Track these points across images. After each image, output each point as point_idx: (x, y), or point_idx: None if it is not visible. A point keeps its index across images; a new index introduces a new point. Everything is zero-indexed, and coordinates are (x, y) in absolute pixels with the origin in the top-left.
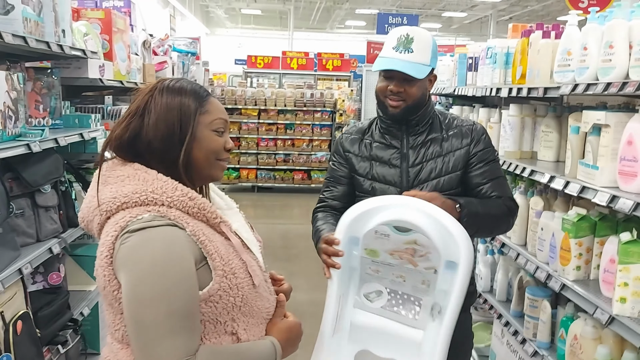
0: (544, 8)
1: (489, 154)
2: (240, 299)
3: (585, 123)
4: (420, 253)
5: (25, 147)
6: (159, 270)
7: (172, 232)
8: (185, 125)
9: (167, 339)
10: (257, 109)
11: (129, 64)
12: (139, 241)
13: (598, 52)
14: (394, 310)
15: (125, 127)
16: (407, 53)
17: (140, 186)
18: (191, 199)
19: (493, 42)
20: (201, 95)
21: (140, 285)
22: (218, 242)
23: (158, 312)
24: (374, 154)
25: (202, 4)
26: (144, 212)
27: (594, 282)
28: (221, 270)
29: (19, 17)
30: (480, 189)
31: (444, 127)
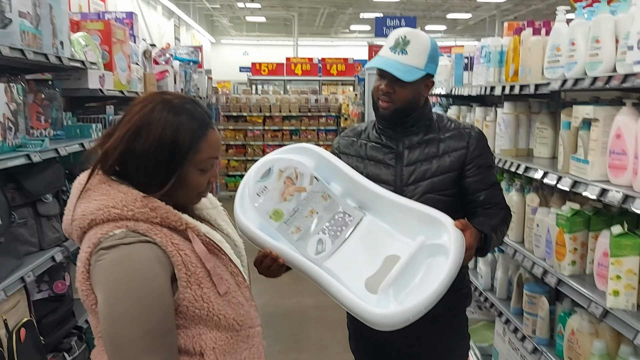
0: (549, 7)
1: (487, 160)
2: (205, 312)
3: (576, 118)
4: (292, 176)
5: (26, 157)
6: (134, 290)
7: (145, 249)
8: (179, 153)
9: (143, 357)
10: (262, 115)
11: (130, 73)
12: (113, 259)
13: (585, 47)
14: (340, 236)
15: (121, 141)
16: (401, 54)
17: (103, 201)
18: (152, 209)
19: (487, 41)
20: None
21: (116, 305)
22: (188, 250)
23: (134, 332)
24: (368, 153)
25: (207, 14)
26: (114, 229)
27: (589, 276)
28: (185, 282)
29: (16, 30)
30: (478, 196)
31: (441, 128)
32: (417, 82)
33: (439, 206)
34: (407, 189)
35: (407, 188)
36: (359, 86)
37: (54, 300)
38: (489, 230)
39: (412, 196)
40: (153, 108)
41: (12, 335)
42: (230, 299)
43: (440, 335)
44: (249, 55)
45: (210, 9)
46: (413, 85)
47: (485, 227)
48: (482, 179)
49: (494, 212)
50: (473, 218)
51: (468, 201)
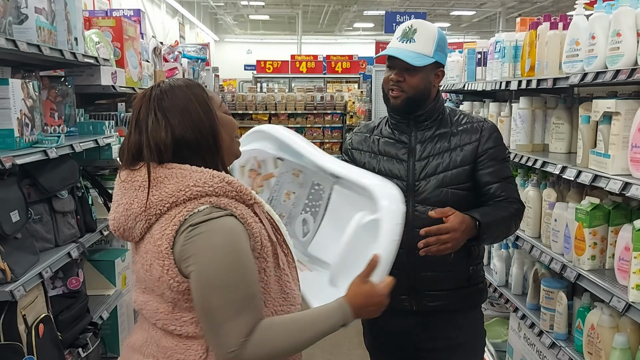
0: (554, 4)
1: (500, 153)
2: (263, 284)
3: (596, 112)
4: (255, 167)
5: (42, 153)
6: (228, 259)
7: (231, 221)
8: (209, 113)
9: (233, 319)
10: (267, 113)
11: (141, 70)
12: (206, 232)
13: (606, 40)
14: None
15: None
16: (409, 43)
17: (182, 182)
18: (229, 183)
19: (501, 35)
20: (198, 84)
21: (213, 273)
22: (260, 224)
23: (229, 297)
24: (381, 149)
25: (211, 12)
26: (198, 205)
27: (609, 271)
28: (257, 253)
29: (32, 26)
30: (489, 189)
31: (454, 122)
32: (427, 70)
33: (452, 200)
34: (419, 184)
35: (420, 182)
36: (364, 83)
37: (69, 297)
38: (486, 219)
39: (425, 190)
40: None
41: (31, 331)
42: (282, 275)
43: (456, 330)
44: (253, 53)
45: (214, 7)
46: (423, 73)
47: (484, 216)
48: (493, 172)
49: (504, 205)
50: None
51: (480, 194)
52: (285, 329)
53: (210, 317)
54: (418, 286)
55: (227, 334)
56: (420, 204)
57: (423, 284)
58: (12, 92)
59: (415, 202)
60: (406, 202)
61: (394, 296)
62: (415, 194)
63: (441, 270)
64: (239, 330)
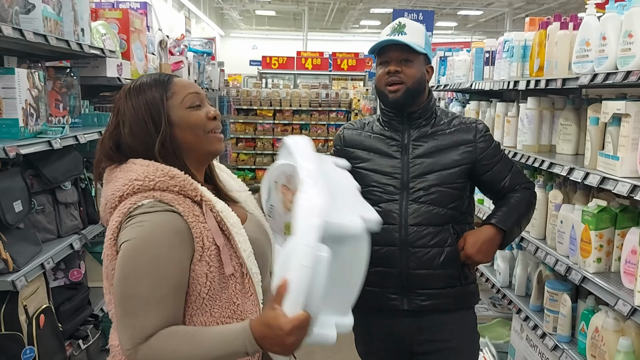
0: (561, 6)
1: (497, 150)
2: (206, 291)
3: (605, 113)
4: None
5: (47, 143)
6: (148, 251)
7: (167, 217)
8: (158, 117)
9: (137, 316)
10: (272, 109)
11: (146, 63)
12: (136, 223)
13: (617, 41)
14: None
15: (109, 138)
16: (401, 35)
17: (127, 177)
18: (171, 177)
19: (510, 35)
20: (162, 81)
21: (129, 262)
22: (207, 224)
23: (134, 290)
24: (373, 146)
25: (217, 7)
26: (142, 199)
27: (615, 274)
28: (199, 255)
29: (39, 16)
30: (503, 185)
31: (447, 122)
32: (420, 61)
33: (446, 199)
34: (414, 182)
35: (415, 180)
36: (370, 81)
37: (70, 288)
38: (508, 222)
39: (420, 189)
40: (120, 94)
41: (32, 321)
42: (230, 284)
43: (450, 332)
44: (258, 49)
45: (220, 2)
46: (417, 64)
47: (505, 219)
48: (501, 169)
49: (519, 197)
50: (499, 206)
51: (495, 191)
52: (184, 341)
53: (117, 307)
54: (410, 285)
55: (128, 329)
56: (414, 202)
57: (414, 283)
58: (17, 81)
59: (410, 200)
60: (399, 200)
61: (385, 296)
62: (410, 192)
63: (433, 268)
64: (140, 328)
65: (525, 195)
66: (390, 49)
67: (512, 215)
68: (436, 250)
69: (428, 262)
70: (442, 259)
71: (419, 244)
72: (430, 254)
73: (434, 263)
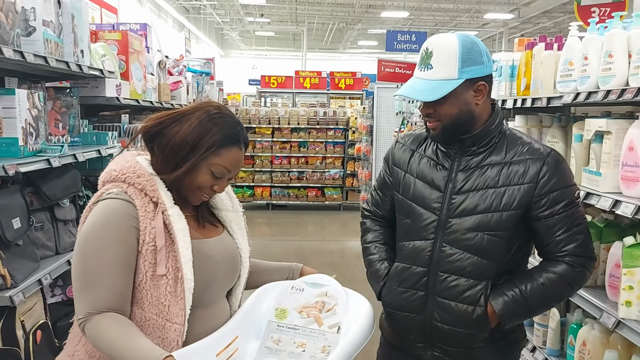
0: (556, 25)
1: (565, 195)
2: (137, 284)
3: (588, 131)
4: (328, 307)
5: (46, 162)
6: (90, 232)
7: (122, 205)
8: (193, 153)
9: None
10: (271, 127)
11: (145, 83)
12: (97, 207)
13: (598, 61)
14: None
15: (159, 121)
16: (426, 70)
17: (112, 166)
18: (138, 176)
19: (498, 55)
20: (228, 139)
21: (78, 240)
22: (147, 221)
23: (77, 266)
24: (420, 169)
25: (217, 27)
26: (113, 187)
27: (601, 288)
28: (139, 248)
29: (40, 38)
30: (549, 242)
31: (511, 151)
32: (456, 92)
33: (487, 247)
34: (452, 221)
35: (453, 220)
36: (367, 100)
37: (67, 305)
38: (515, 319)
39: (457, 230)
40: (198, 109)
41: (29, 337)
42: (161, 285)
43: None
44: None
45: (220, 23)
46: (452, 98)
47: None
48: (558, 222)
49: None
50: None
51: (539, 245)
52: (122, 331)
53: (75, 281)
54: (433, 337)
55: (83, 300)
56: (448, 245)
57: (438, 337)
58: (18, 101)
59: (444, 242)
60: (433, 240)
61: (410, 344)
62: (445, 232)
63: (461, 326)
64: (93, 300)
65: (563, 279)
66: None
67: (524, 308)
68: (465, 307)
69: (455, 318)
70: (474, 318)
71: (446, 295)
72: (459, 309)
73: (461, 320)
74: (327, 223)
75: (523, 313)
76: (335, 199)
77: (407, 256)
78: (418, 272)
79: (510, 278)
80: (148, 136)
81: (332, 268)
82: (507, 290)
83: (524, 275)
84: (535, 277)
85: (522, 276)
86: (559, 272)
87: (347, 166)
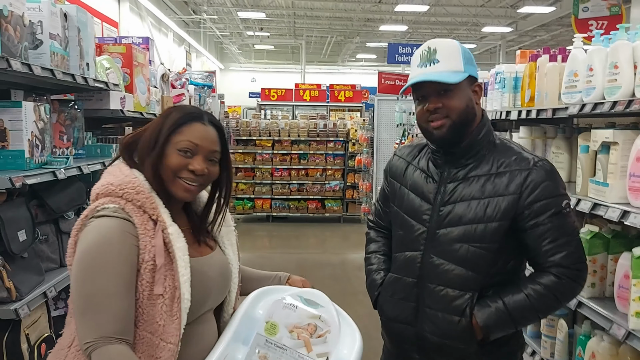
0: (553, 38)
1: (551, 205)
2: (137, 301)
3: (594, 142)
4: (320, 332)
5: (51, 174)
6: (88, 256)
7: (122, 224)
8: (157, 142)
9: (82, 316)
10: (271, 139)
11: (149, 96)
12: (95, 225)
13: (603, 72)
14: None
15: (133, 135)
16: (433, 65)
17: (107, 179)
18: (137, 192)
19: (502, 67)
20: (186, 117)
21: (76, 265)
22: (147, 239)
23: (78, 291)
24: (413, 182)
25: (216, 41)
26: (109, 202)
27: (609, 299)
28: (139, 265)
29: (46, 51)
30: (536, 254)
31: (498, 161)
32: (463, 87)
33: (472, 260)
34: (440, 232)
35: (440, 231)
36: (367, 112)
37: None
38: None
39: (444, 241)
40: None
41: (34, 350)
42: (158, 304)
43: None
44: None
45: (220, 37)
46: (459, 91)
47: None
48: (545, 231)
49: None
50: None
51: (529, 257)
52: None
53: (77, 305)
54: (426, 348)
55: (89, 323)
56: (436, 256)
57: (430, 348)
58: (24, 114)
59: (432, 253)
60: (422, 251)
61: (407, 351)
62: (433, 243)
63: (448, 338)
64: (100, 323)
65: (549, 290)
66: (424, 83)
67: (507, 320)
68: (451, 318)
69: (443, 329)
70: (459, 329)
71: (435, 305)
72: (446, 320)
73: (448, 332)
74: (328, 235)
75: (506, 324)
76: (335, 211)
77: (399, 267)
78: (409, 283)
79: (497, 290)
80: (126, 149)
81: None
82: (491, 302)
83: (511, 286)
84: (522, 289)
85: (509, 288)
86: (544, 283)
87: (347, 178)
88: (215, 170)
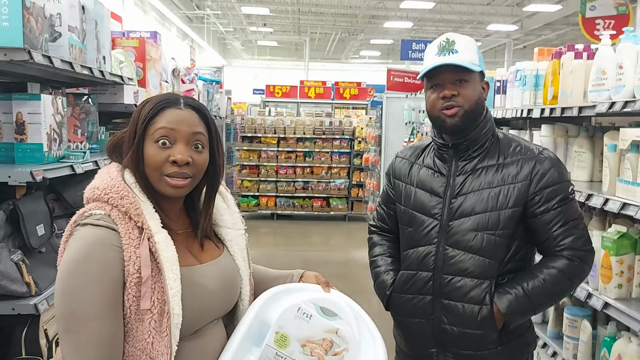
0: (558, 37)
1: (560, 191)
2: (125, 316)
3: (624, 140)
4: (336, 349)
5: (69, 168)
6: (68, 269)
7: (107, 234)
8: (134, 134)
9: (64, 334)
10: (276, 137)
11: (161, 90)
12: (77, 236)
13: (634, 70)
14: None
15: (119, 135)
16: (452, 54)
17: (95, 182)
18: (121, 197)
19: (522, 64)
20: (159, 105)
21: (60, 279)
22: (132, 249)
23: (59, 308)
24: (420, 180)
25: (220, 37)
26: (96, 208)
27: (636, 300)
28: (125, 277)
29: (65, 44)
30: (547, 237)
31: (505, 152)
32: (477, 79)
33: (487, 247)
34: (453, 224)
35: (453, 223)
36: (374, 110)
37: None
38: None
39: (457, 232)
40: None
41: (52, 345)
42: (146, 319)
43: None
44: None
45: (223, 32)
46: (474, 83)
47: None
48: (554, 217)
49: (553, 275)
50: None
51: (539, 241)
52: None
53: (59, 323)
54: (443, 341)
55: (70, 345)
56: (451, 247)
57: (449, 340)
58: (43, 107)
59: (447, 245)
60: (436, 244)
61: (423, 348)
62: (447, 235)
63: (470, 327)
64: (80, 345)
65: (563, 274)
66: (442, 70)
67: (528, 306)
68: (471, 307)
69: (463, 319)
70: (480, 318)
71: (453, 296)
72: (465, 310)
73: (469, 321)
74: (333, 233)
75: (527, 310)
76: (340, 209)
77: (411, 263)
78: (423, 277)
79: (513, 277)
80: (113, 152)
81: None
82: (510, 289)
83: (525, 273)
84: (537, 274)
85: (524, 274)
86: (558, 266)
87: (352, 176)
88: (203, 157)
